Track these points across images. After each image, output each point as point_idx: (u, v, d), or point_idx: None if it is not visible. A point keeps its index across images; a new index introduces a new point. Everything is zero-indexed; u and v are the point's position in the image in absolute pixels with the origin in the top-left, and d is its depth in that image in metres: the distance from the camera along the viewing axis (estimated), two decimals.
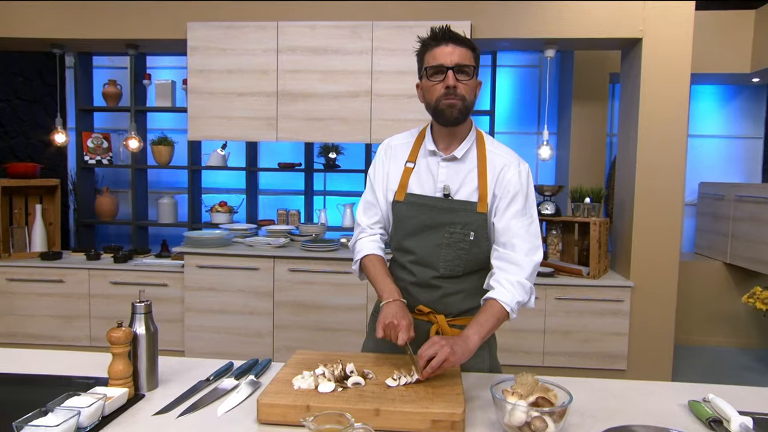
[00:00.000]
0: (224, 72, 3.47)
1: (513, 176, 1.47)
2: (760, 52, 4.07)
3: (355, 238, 1.64)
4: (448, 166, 1.50)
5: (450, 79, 1.39)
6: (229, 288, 3.47)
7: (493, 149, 1.51)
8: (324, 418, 0.89)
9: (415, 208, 1.51)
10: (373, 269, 1.54)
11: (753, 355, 4.20)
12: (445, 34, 1.42)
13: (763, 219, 3.79)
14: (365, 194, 1.63)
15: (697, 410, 1.25)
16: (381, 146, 1.62)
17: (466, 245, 1.48)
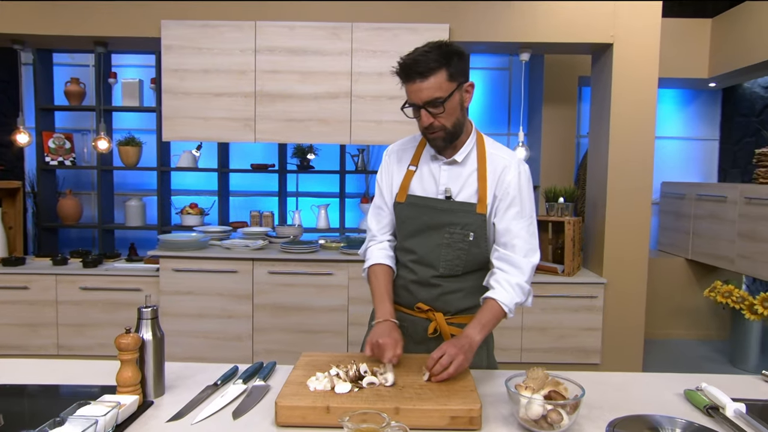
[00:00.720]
0: (200, 72, 3.40)
1: (513, 178, 1.50)
2: (717, 58, 4.29)
3: (366, 246, 1.66)
4: (449, 169, 1.53)
5: (424, 119, 1.41)
6: (207, 291, 3.41)
7: (494, 151, 1.55)
8: (359, 418, 0.90)
9: (416, 209, 1.54)
10: (375, 282, 1.57)
11: (712, 346, 4.42)
12: (409, 71, 1.38)
13: (721, 217, 3.99)
14: (375, 199, 1.66)
15: (694, 398, 1.31)
16: (385, 152, 1.65)
17: (465, 245, 1.51)
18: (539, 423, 1.13)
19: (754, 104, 4.55)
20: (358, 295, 3.37)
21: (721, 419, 1.22)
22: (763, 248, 3.52)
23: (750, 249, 3.67)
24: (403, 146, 1.63)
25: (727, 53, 4.17)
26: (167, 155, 4.54)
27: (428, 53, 1.37)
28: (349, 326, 3.40)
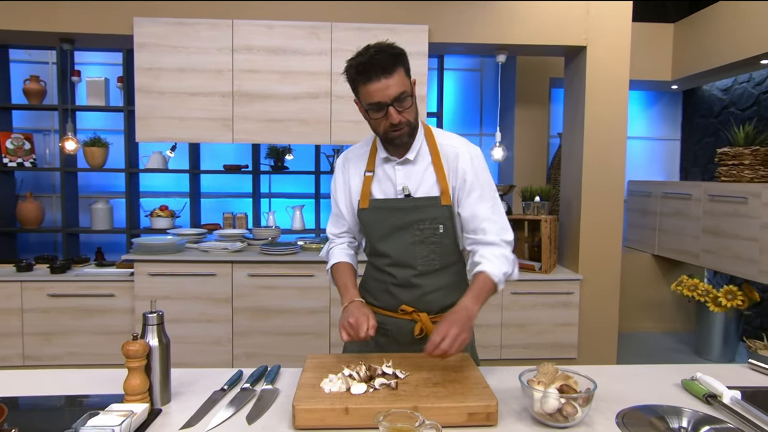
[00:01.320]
0: (175, 71, 3.32)
1: (466, 164, 1.51)
2: (679, 61, 4.47)
3: (326, 248, 1.69)
4: (403, 168, 1.52)
5: (393, 117, 1.39)
6: (185, 296, 3.33)
7: (443, 141, 1.54)
8: (392, 417, 0.90)
9: (381, 213, 1.54)
10: (337, 275, 1.59)
11: (678, 338, 4.60)
12: (372, 69, 1.36)
13: (686, 213, 4.16)
14: (332, 208, 1.66)
15: (692, 388, 1.37)
16: (338, 160, 1.65)
17: (437, 239, 1.52)
18: (554, 416, 1.15)
19: (712, 106, 4.76)
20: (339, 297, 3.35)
21: (720, 406, 1.27)
22: (726, 243, 3.69)
23: (714, 244, 3.84)
24: (355, 152, 1.62)
25: (688, 57, 4.35)
26: (135, 156, 4.41)
27: (381, 52, 1.37)
28: (332, 328, 3.38)
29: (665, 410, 1.24)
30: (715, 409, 1.27)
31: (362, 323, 1.35)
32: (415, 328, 1.53)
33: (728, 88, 4.56)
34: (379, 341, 1.60)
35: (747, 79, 4.35)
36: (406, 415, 0.91)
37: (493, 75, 4.89)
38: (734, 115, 4.46)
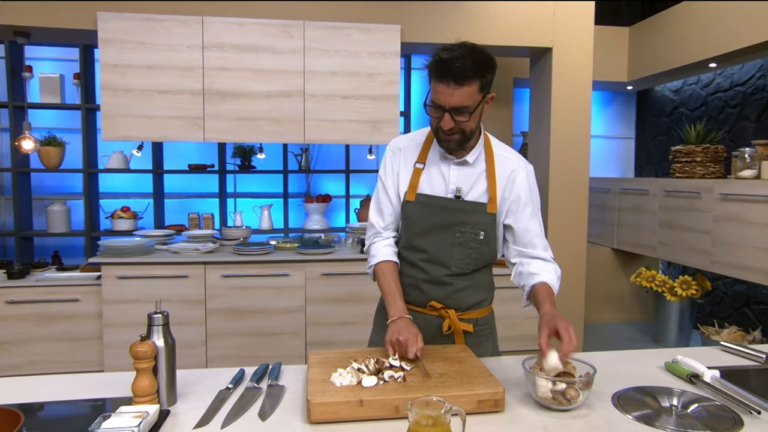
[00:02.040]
0: (143, 68, 3.23)
1: (523, 180, 1.55)
2: (634, 63, 4.69)
3: (370, 241, 1.65)
4: (459, 169, 1.54)
5: (445, 123, 1.40)
6: (155, 298, 3.24)
7: (501, 152, 1.58)
8: (419, 405, 0.93)
9: (426, 209, 1.54)
10: (385, 280, 1.56)
11: (636, 327, 4.82)
12: (446, 71, 1.35)
13: (643, 209, 4.37)
14: (377, 195, 1.63)
15: (675, 369, 1.46)
16: (388, 147, 1.64)
17: (476, 244, 1.54)
18: (557, 399, 1.21)
19: (664, 106, 5.02)
20: (315, 296, 3.36)
21: (703, 385, 1.36)
22: (682, 236, 3.91)
23: (670, 237, 4.05)
24: (408, 142, 1.61)
25: (643, 59, 4.57)
26: (94, 156, 4.25)
27: (467, 58, 1.35)
28: (307, 327, 3.38)
29: (657, 391, 1.32)
30: (698, 387, 1.36)
31: (412, 344, 1.35)
32: (443, 325, 1.55)
33: (679, 90, 4.82)
34: None
35: (695, 81, 4.61)
36: (432, 403, 0.94)
37: None
38: (684, 114, 4.72)
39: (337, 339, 3.40)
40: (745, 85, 4.09)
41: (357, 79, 3.41)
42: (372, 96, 3.45)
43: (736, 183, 3.44)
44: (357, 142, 3.49)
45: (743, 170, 3.47)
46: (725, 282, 4.32)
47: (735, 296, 4.25)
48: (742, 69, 4.12)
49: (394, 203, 1.60)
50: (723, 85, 4.30)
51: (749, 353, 1.62)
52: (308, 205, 4.44)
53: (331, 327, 3.39)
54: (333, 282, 3.36)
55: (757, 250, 3.26)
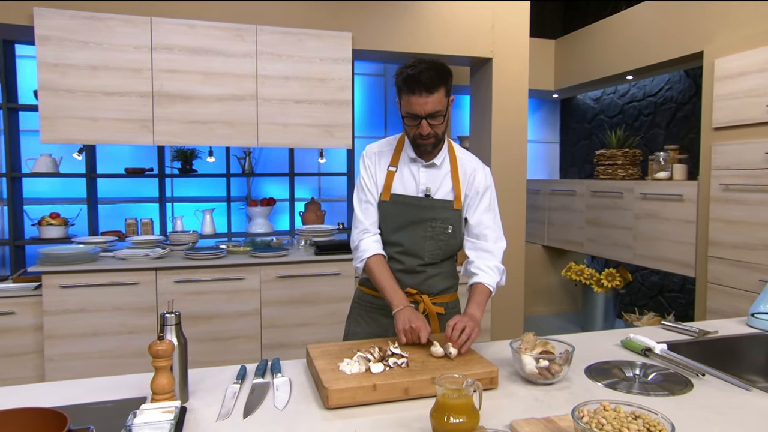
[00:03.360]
0: (87, 68, 3.10)
1: (481, 178, 1.75)
2: (560, 73, 5.07)
3: (359, 237, 1.75)
4: (427, 171, 1.72)
5: (424, 128, 1.57)
6: (102, 307, 3.13)
7: (462, 156, 1.77)
8: (444, 381, 1.04)
9: (400, 207, 1.71)
10: (379, 273, 1.68)
11: (565, 318, 5.21)
12: (416, 84, 1.52)
13: (571, 208, 4.75)
14: (361, 195, 1.76)
15: (631, 345, 1.67)
16: (364, 153, 1.79)
17: (445, 237, 1.72)
18: (543, 374, 1.37)
19: (586, 113, 5.46)
20: (270, 298, 3.37)
21: (655, 356, 1.58)
22: (606, 233, 4.29)
23: (595, 234, 4.43)
24: (380, 148, 1.78)
25: (567, 70, 4.96)
26: (17, 159, 4.00)
27: (430, 70, 1.53)
28: (263, 330, 3.38)
29: (621, 363, 1.51)
30: (651, 359, 1.57)
31: (423, 330, 1.48)
32: (419, 308, 1.71)
33: (598, 98, 5.26)
34: (382, 322, 1.76)
35: (613, 91, 5.06)
36: (454, 379, 1.06)
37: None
38: (604, 121, 5.17)
39: (293, 341, 3.43)
40: (656, 96, 4.56)
41: (310, 84, 3.47)
42: (325, 101, 3.52)
43: (654, 183, 3.84)
44: (310, 145, 3.55)
45: (658, 172, 3.88)
46: (642, 273, 4.78)
47: (650, 286, 4.71)
48: (653, 81, 4.59)
49: (376, 200, 1.75)
50: (637, 96, 4.77)
51: (685, 329, 1.87)
52: (252, 208, 4.42)
53: (287, 329, 3.42)
54: (288, 284, 3.39)
55: (672, 243, 3.66)
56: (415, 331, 1.48)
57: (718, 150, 3.25)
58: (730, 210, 3.18)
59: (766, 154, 2.95)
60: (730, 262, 3.18)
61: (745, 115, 3.08)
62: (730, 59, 3.18)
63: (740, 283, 3.12)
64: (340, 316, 3.49)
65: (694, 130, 4.17)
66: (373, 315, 1.80)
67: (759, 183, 2.99)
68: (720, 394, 1.32)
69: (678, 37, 3.67)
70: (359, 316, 1.84)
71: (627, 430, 0.90)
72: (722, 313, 3.22)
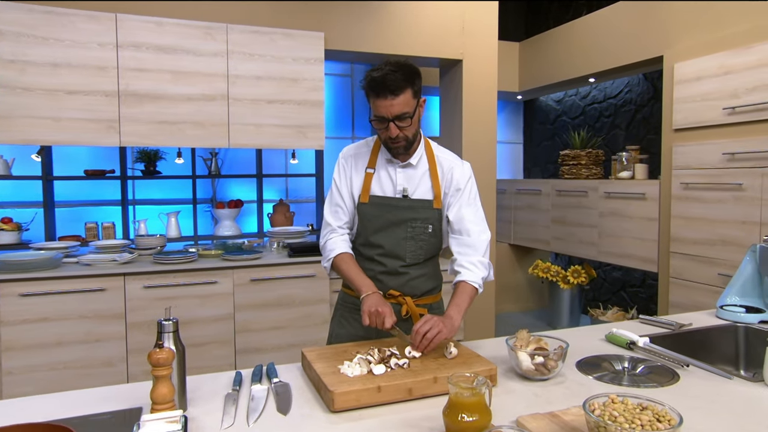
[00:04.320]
0: (47, 65, 2.97)
1: (459, 174, 1.75)
2: (524, 75, 5.19)
3: (326, 238, 1.76)
4: (404, 171, 1.72)
5: (392, 131, 1.58)
6: (67, 316, 2.99)
7: (440, 154, 1.77)
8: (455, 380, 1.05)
9: (379, 208, 1.71)
10: (346, 266, 1.68)
11: (532, 315, 5.33)
12: (381, 87, 1.51)
13: (537, 207, 4.86)
14: (332, 198, 1.77)
15: (615, 339, 1.72)
16: (341, 155, 1.78)
17: (426, 237, 1.73)
18: (539, 370, 1.40)
19: (548, 114, 5.61)
20: (244, 302, 3.31)
21: (639, 349, 1.64)
22: (572, 230, 4.42)
23: (561, 232, 4.56)
24: (357, 150, 1.77)
25: (532, 72, 5.08)
26: None
27: (396, 72, 1.52)
28: (237, 334, 3.32)
29: (610, 357, 1.56)
30: (636, 352, 1.63)
31: (388, 315, 1.49)
32: (402, 310, 1.71)
33: (560, 100, 5.42)
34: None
35: (575, 93, 5.22)
36: (465, 378, 1.07)
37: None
38: (566, 122, 5.32)
39: (267, 345, 3.37)
40: (616, 98, 4.73)
41: (282, 84, 3.43)
42: (297, 101, 3.48)
43: (617, 183, 3.98)
44: (283, 146, 3.50)
45: (621, 172, 4.02)
46: (605, 270, 4.94)
47: (613, 282, 4.88)
48: (613, 84, 4.76)
49: (348, 204, 1.75)
50: (598, 98, 4.93)
51: (662, 323, 1.95)
52: (219, 210, 4.32)
53: (261, 333, 3.36)
54: (262, 287, 3.34)
55: (636, 240, 3.80)
56: (380, 315, 1.49)
57: (678, 150, 3.40)
58: (690, 208, 3.33)
59: (724, 154, 3.10)
60: (691, 257, 3.34)
61: (703, 117, 3.24)
62: (688, 64, 3.33)
63: (700, 277, 3.28)
64: (315, 318, 3.46)
65: (652, 131, 4.35)
66: (356, 316, 1.78)
67: (717, 182, 3.15)
68: (705, 384, 1.38)
69: (639, 42, 3.82)
70: (342, 317, 1.83)
71: (639, 420, 0.93)
72: (684, 306, 3.37)
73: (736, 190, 3.05)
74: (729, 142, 3.08)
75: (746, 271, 2.09)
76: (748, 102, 2.97)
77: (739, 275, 2.10)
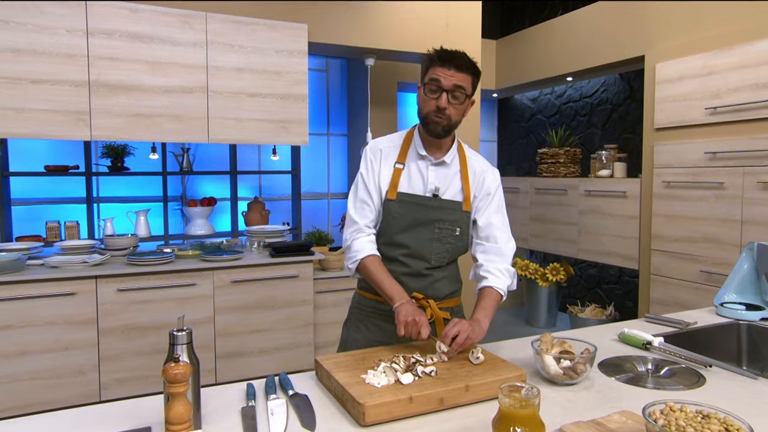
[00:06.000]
0: (8, 51, 2.74)
1: (491, 180, 1.71)
2: (501, 73, 5.19)
3: (352, 237, 1.65)
4: (436, 169, 1.65)
5: (442, 101, 1.53)
6: (33, 322, 2.78)
7: (472, 156, 1.72)
8: (506, 390, 0.98)
9: (407, 206, 1.62)
10: (376, 271, 1.59)
11: (509, 312, 5.35)
12: (451, 59, 1.52)
13: (516, 205, 4.87)
14: (358, 193, 1.66)
15: (629, 339, 1.70)
16: (368, 148, 1.69)
17: (453, 239, 1.66)
18: (568, 374, 1.35)
19: (523, 112, 5.64)
20: (224, 305, 3.16)
21: (655, 349, 1.61)
22: (551, 228, 4.44)
23: (539, 229, 4.58)
24: (388, 143, 1.69)
25: (509, 70, 5.08)
26: None
27: (465, 57, 1.55)
28: (217, 338, 3.17)
29: (632, 359, 1.53)
30: (653, 352, 1.61)
31: (424, 325, 1.41)
32: (426, 313, 1.61)
33: (536, 98, 5.45)
34: (385, 327, 1.67)
35: (550, 91, 5.26)
36: (517, 388, 1.00)
37: (338, 76, 5.03)
38: (541, 121, 5.35)
39: (248, 348, 3.24)
40: (592, 97, 4.79)
41: (264, 76, 3.29)
42: (280, 95, 3.35)
43: (597, 181, 4.02)
44: (265, 142, 3.36)
45: (601, 170, 4.06)
46: (580, 267, 5.00)
47: (588, 279, 4.95)
48: (589, 83, 4.81)
49: (375, 201, 1.65)
50: (574, 97, 4.98)
51: (667, 321, 1.94)
52: (191, 209, 4.14)
53: (242, 336, 3.22)
54: (243, 289, 3.20)
55: (616, 237, 3.85)
56: (417, 324, 1.41)
57: (659, 149, 3.45)
58: (671, 205, 3.38)
59: (706, 153, 3.16)
60: (672, 254, 3.39)
61: (685, 116, 3.29)
62: (670, 64, 3.38)
63: (681, 274, 3.34)
64: (298, 320, 3.35)
65: (628, 130, 4.41)
66: (375, 320, 1.71)
67: (698, 180, 3.21)
68: (733, 385, 1.36)
69: (620, 42, 3.86)
70: (360, 322, 1.74)
71: (709, 431, 0.89)
72: (665, 303, 3.42)
73: (718, 189, 3.11)
74: (710, 142, 3.14)
75: (743, 269, 2.11)
76: (729, 102, 3.03)
77: (736, 273, 2.12)
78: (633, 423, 1.09)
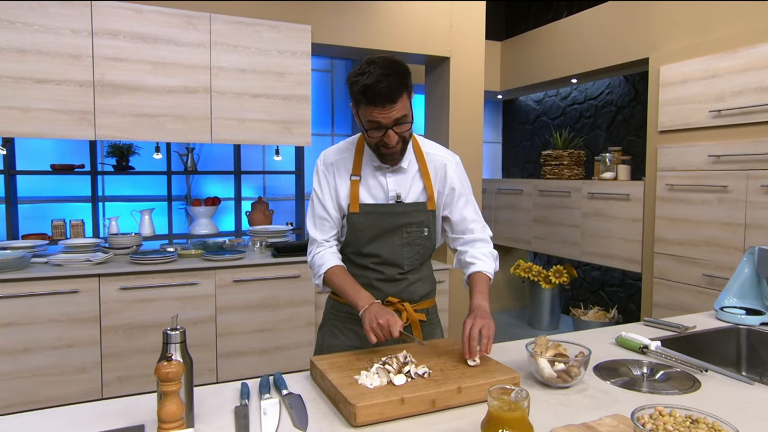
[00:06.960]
0: (14, 51, 2.77)
1: (452, 172, 1.65)
2: (506, 75, 5.18)
3: (313, 253, 1.64)
4: (395, 176, 1.61)
5: (391, 139, 1.45)
6: (36, 320, 2.81)
7: (429, 150, 1.66)
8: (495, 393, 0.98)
9: (372, 217, 1.59)
10: (338, 280, 1.57)
11: (512, 314, 5.34)
12: (379, 96, 1.37)
13: (519, 207, 4.86)
14: (315, 211, 1.63)
15: (626, 343, 1.69)
16: (319, 162, 1.65)
17: (422, 240, 1.64)
18: (562, 378, 1.35)
19: (528, 114, 5.62)
20: (226, 304, 3.18)
21: (652, 353, 1.61)
22: (554, 230, 4.43)
23: (543, 232, 4.56)
24: (338, 156, 1.63)
25: (514, 72, 5.07)
26: None
27: (389, 76, 1.38)
28: (218, 338, 3.18)
29: (627, 362, 1.53)
30: (649, 356, 1.60)
31: (393, 323, 1.39)
32: (402, 317, 1.61)
33: (540, 100, 5.43)
34: (361, 333, 1.61)
35: (555, 93, 5.24)
36: (506, 390, 1.00)
37: (342, 77, 5.04)
38: (546, 123, 5.34)
39: (250, 348, 3.25)
40: (597, 99, 4.77)
41: (267, 77, 3.30)
42: (283, 96, 3.36)
43: (601, 183, 4.00)
44: (268, 142, 3.38)
45: (605, 172, 4.05)
46: (583, 269, 4.98)
47: (592, 281, 4.93)
48: (594, 85, 4.79)
49: (333, 215, 1.63)
50: (578, 99, 4.96)
51: (666, 325, 1.93)
52: (196, 208, 4.16)
53: (244, 336, 3.24)
54: (245, 288, 3.21)
55: (620, 240, 3.83)
56: (384, 327, 1.39)
57: (663, 152, 3.43)
58: (675, 209, 3.36)
59: (710, 156, 3.14)
60: (675, 257, 3.37)
61: (689, 119, 3.27)
62: (674, 66, 3.36)
63: (684, 277, 3.32)
64: (300, 320, 3.36)
65: (633, 133, 4.39)
66: (351, 326, 1.68)
67: (702, 183, 3.19)
68: (728, 390, 1.36)
69: (625, 44, 3.85)
70: (335, 328, 1.72)
71: None
72: (668, 306, 3.40)
73: (721, 192, 3.09)
74: (714, 145, 3.12)
75: (744, 273, 2.10)
76: (733, 105, 3.02)
77: (737, 277, 2.11)
78: (624, 427, 1.09)
